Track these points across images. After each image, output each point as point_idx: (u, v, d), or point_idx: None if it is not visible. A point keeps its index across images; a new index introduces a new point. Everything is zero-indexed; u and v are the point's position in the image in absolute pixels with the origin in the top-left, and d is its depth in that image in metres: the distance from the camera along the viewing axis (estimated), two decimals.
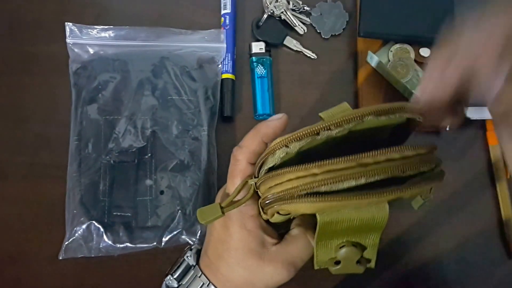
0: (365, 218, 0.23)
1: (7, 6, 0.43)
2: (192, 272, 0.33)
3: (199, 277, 0.32)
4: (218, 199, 0.34)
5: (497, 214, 0.40)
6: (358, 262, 0.26)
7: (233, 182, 0.30)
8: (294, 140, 0.24)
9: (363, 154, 0.22)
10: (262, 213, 0.28)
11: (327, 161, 0.22)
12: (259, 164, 0.26)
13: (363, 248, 0.25)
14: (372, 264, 0.26)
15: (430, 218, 0.40)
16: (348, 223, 0.24)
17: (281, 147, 0.24)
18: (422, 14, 0.39)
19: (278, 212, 0.26)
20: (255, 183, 0.27)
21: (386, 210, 0.23)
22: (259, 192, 0.27)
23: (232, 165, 0.30)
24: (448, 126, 0.39)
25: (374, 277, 0.39)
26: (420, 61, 0.39)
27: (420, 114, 0.25)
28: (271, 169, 0.25)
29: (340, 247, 0.25)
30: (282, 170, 0.24)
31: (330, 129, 0.23)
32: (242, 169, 0.29)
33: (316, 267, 0.26)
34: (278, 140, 0.25)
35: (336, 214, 0.23)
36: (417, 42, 0.40)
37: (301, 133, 0.24)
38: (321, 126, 0.23)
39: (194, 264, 0.33)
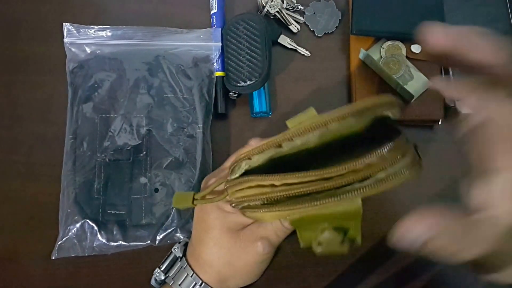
0: (338, 212, 0.23)
1: (5, 6, 0.44)
2: (179, 263, 0.33)
3: (185, 268, 0.32)
4: (209, 178, 0.34)
5: None
6: (342, 242, 0.25)
7: (230, 160, 0.31)
8: (256, 153, 0.24)
9: (325, 170, 0.22)
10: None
11: (289, 175, 0.23)
12: (230, 170, 0.27)
13: (345, 230, 0.25)
14: (358, 243, 0.25)
15: None
16: (321, 216, 0.24)
17: (244, 159, 0.25)
18: (412, 11, 0.40)
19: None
20: (226, 185, 0.27)
21: (358, 204, 0.23)
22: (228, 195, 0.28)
23: (242, 148, 0.31)
24: (440, 120, 0.39)
25: (370, 272, 0.39)
26: (412, 57, 0.40)
27: (391, 106, 0.23)
28: (242, 175, 0.26)
29: (322, 231, 0.25)
30: (248, 178, 0.24)
31: (292, 140, 0.23)
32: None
33: (302, 246, 0.25)
34: (244, 151, 0.25)
35: (304, 213, 0.23)
36: (408, 39, 0.40)
37: (264, 146, 0.24)
38: (283, 137, 0.23)
39: (181, 255, 0.33)
